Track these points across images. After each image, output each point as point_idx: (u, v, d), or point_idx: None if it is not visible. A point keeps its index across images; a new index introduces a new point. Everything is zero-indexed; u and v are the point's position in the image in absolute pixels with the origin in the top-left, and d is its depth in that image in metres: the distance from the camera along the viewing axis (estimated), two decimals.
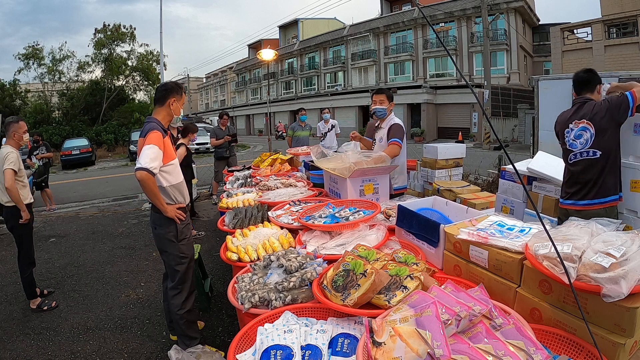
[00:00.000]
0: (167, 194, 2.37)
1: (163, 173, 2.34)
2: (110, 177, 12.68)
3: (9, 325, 3.12)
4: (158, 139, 2.26)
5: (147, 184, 2.18)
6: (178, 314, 2.41)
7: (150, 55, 25.44)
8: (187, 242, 2.46)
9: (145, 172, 2.15)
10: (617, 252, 1.08)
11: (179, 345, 2.46)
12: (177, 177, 2.45)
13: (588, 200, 2.38)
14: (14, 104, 23.31)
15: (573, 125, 2.45)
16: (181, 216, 2.40)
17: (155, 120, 2.38)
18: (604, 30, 15.11)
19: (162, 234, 2.40)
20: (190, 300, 2.48)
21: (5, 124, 3.36)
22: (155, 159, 2.20)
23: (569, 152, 2.48)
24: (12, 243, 5.37)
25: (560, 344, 1.17)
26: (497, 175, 5.86)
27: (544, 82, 7.19)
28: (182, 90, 2.50)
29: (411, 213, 1.92)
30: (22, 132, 3.33)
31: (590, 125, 2.36)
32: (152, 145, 2.22)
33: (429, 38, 24.89)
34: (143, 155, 2.19)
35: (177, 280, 2.42)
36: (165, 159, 2.31)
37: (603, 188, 2.33)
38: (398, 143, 3.02)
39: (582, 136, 2.40)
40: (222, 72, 50.76)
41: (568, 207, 2.49)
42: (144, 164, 2.15)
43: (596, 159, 2.33)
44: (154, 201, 2.29)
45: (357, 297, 1.29)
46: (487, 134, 16.56)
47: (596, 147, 2.34)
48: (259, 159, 5.29)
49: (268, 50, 12.47)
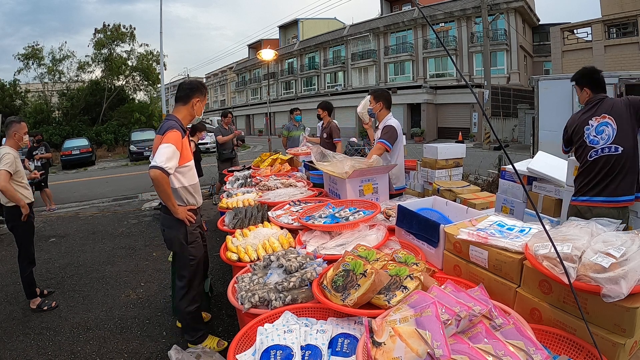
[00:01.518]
0: (179, 195, 2.33)
1: (177, 174, 2.29)
2: (110, 177, 12.68)
3: (9, 325, 3.12)
4: (176, 139, 2.20)
5: (161, 183, 2.14)
6: (186, 310, 2.44)
7: (150, 55, 25.39)
8: (196, 245, 2.43)
9: (160, 172, 2.10)
10: (617, 252, 1.08)
11: (185, 336, 2.53)
12: (191, 179, 2.40)
13: (604, 197, 2.31)
14: (14, 104, 23.27)
15: (594, 122, 2.38)
16: (192, 218, 2.36)
17: (175, 118, 2.32)
18: (604, 30, 15.10)
19: (171, 236, 2.37)
20: (198, 298, 2.52)
21: (6, 123, 3.34)
22: (171, 159, 2.15)
23: (589, 149, 2.39)
24: (12, 243, 5.37)
25: (560, 344, 1.17)
26: (497, 175, 5.86)
27: (544, 82, 7.19)
28: (206, 90, 2.48)
29: (411, 213, 1.92)
30: (23, 132, 3.32)
31: (612, 120, 2.31)
32: (169, 144, 2.15)
33: (429, 38, 24.88)
34: (159, 153, 2.13)
35: (185, 281, 2.42)
36: (182, 160, 2.25)
37: (622, 186, 2.28)
38: (383, 144, 3.04)
39: (604, 131, 2.33)
40: (222, 72, 50.76)
41: (581, 204, 2.42)
42: (159, 163, 2.10)
43: (618, 154, 2.28)
44: (166, 202, 2.25)
45: (357, 297, 1.29)
46: (487, 134, 16.56)
47: (618, 142, 2.28)
48: (259, 159, 5.29)
49: (268, 50, 12.48)
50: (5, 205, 3.24)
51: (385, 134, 3.09)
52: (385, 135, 3.08)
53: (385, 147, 3.03)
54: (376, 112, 3.28)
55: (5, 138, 3.33)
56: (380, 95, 3.28)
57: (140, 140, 18.16)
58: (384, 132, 3.11)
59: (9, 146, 3.23)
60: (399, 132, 3.14)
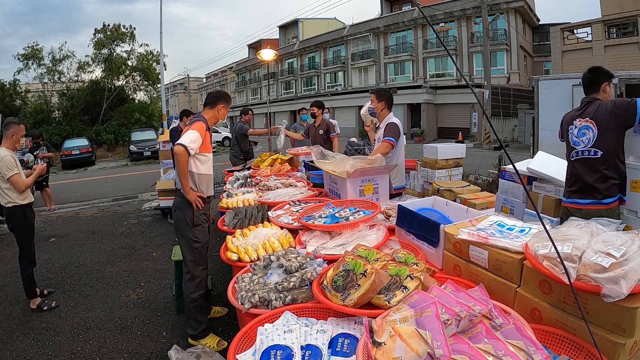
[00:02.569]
0: (193, 179, 2.56)
1: (196, 160, 2.55)
2: (110, 177, 12.68)
3: (9, 325, 3.12)
4: (202, 128, 2.52)
5: (181, 159, 2.39)
6: (190, 297, 2.55)
7: (150, 55, 25.38)
8: (201, 229, 2.61)
9: (182, 148, 2.37)
10: (617, 252, 1.08)
11: (187, 330, 2.61)
12: (207, 169, 2.66)
13: (589, 200, 2.38)
14: (14, 104, 23.26)
15: (577, 123, 2.45)
16: (199, 204, 2.56)
17: (203, 117, 2.65)
18: (604, 30, 15.10)
19: (180, 217, 2.59)
20: (202, 286, 2.62)
21: (5, 123, 3.33)
22: (194, 142, 2.43)
23: (571, 150, 2.49)
24: (12, 243, 5.37)
25: (560, 344, 1.17)
26: (497, 175, 5.86)
27: (544, 82, 7.18)
28: (231, 100, 2.94)
29: (411, 213, 1.92)
30: (21, 135, 3.33)
31: (593, 124, 2.36)
32: (195, 130, 2.48)
33: (429, 38, 24.87)
34: (185, 135, 2.45)
35: (189, 265, 2.59)
36: (202, 148, 2.54)
37: (604, 189, 2.33)
38: (390, 141, 3.06)
39: (585, 134, 2.40)
40: (222, 72, 50.78)
41: (569, 205, 2.50)
42: (183, 141, 2.40)
43: (597, 158, 2.33)
44: (181, 179, 2.47)
45: (357, 297, 1.29)
46: (487, 134, 16.56)
47: (597, 146, 2.33)
48: (259, 159, 5.29)
49: (268, 50, 12.46)
50: (6, 207, 3.24)
51: (389, 131, 3.11)
52: (389, 132, 3.10)
53: (392, 144, 3.06)
54: (378, 111, 3.29)
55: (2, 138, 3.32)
56: (383, 94, 3.29)
57: (140, 140, 18.15)
58: (388, 129, 3.12)
59: (5, 147, 3.22)
60: (401, 130, 3.17)
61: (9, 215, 3.28)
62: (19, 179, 3.18)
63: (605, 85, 2.47)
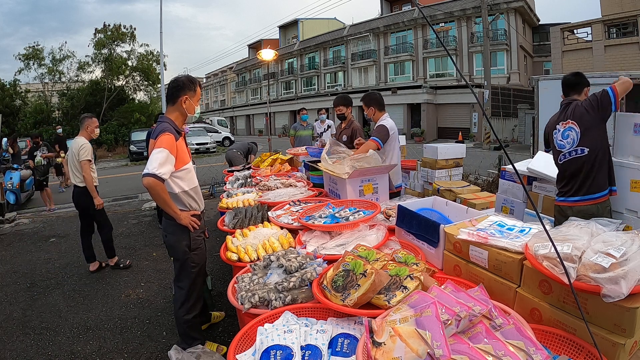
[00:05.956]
0: (180, 200, 2.25)
1: (175, 179, 2.20)
2: (110, 177, 12.67)
3: (9, 325, 3.12)
4: (169, 142, 2.10)
5: (156, 190, 2.05)
6: (183, 318, 2.35)
7: (150, 55, 25.37)
8: (199, 252, 2.37)
9: (153, 179, 2.01)
10: (617, 252, 1.08)
11: (180, 345, 2.40)
12: (191, 182, 2.31)
13: (579, 197, 2.44)
14: (14, 104, 23.26)
15: (560, 127, 2.53)
16: (195, 224, 2.28)
17: (168, 120, 2.22)
18: (604, 30, 15.09)
19: (174, 244, 2.28)
20: (197, 307, 2.42)
21: (80, 118, 4.07)
22: (164, 164, 2.05)
23: (558, 153, 2.55)
24: (12, 243, 5.39)
25: (560, 344, 1.17)
26: (497, 175, 5.86)
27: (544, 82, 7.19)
28: (196, 85, 2.30)
29: (411, 213, 1.92)
30: (95, 126, 4.01)
31: (575, 124, 2.43)
32: (162, 149, 2.06)
33: (429, 38, 24.88)
34: (151, 160, 2.05)
35: (185, 290, 2.34)
36: (178, 163, 2.16)
37: (594, 184, 2.39)
38: (375, 141, 3.08)
39: (569, 136, 2.47)
40: (222, 72, 50.79)
41: (561, 204, 2.56)
42: (151, 170, 2.01)
43: (584, 156, 2.40)
44: (165, 209, 2.17)
45: (357, 297, 1.29)
46: (487, 134, 16.56)
47: (583, 145, 2.40)
48: (259, 159, 5.29)
49: (268, 50, 12.48)
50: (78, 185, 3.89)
51: (377, 132, 3.15)
52: (376, 133, 3.14)
53: (376, 144, 3.07)
54: (370, 116, 3.33)
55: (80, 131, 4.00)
56: (369, 100, 3.31)
57: (140, 140, 18.09)
58: (376, 130, 3.17)
59: (83, 137, 3.90)
60: (391, 132, 3.17)
61: (79, 194, 3.89)
62: (88, 167, 3.79)
63: (587, 90, 2.56)
